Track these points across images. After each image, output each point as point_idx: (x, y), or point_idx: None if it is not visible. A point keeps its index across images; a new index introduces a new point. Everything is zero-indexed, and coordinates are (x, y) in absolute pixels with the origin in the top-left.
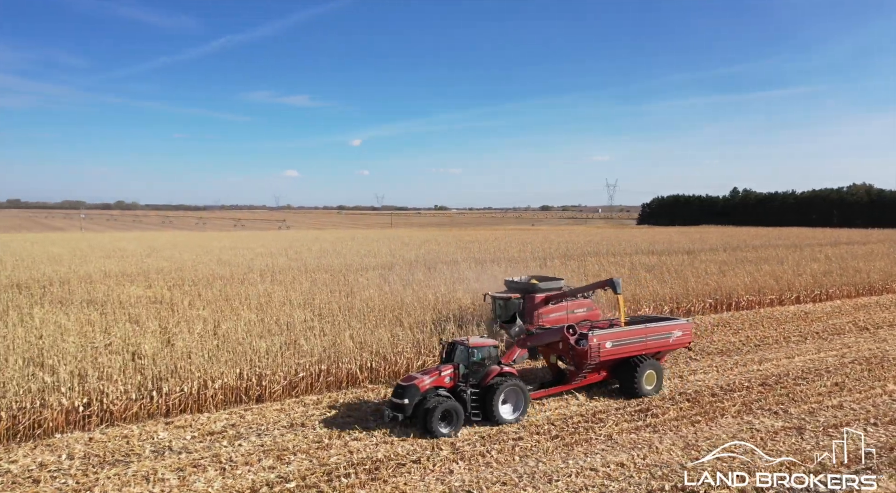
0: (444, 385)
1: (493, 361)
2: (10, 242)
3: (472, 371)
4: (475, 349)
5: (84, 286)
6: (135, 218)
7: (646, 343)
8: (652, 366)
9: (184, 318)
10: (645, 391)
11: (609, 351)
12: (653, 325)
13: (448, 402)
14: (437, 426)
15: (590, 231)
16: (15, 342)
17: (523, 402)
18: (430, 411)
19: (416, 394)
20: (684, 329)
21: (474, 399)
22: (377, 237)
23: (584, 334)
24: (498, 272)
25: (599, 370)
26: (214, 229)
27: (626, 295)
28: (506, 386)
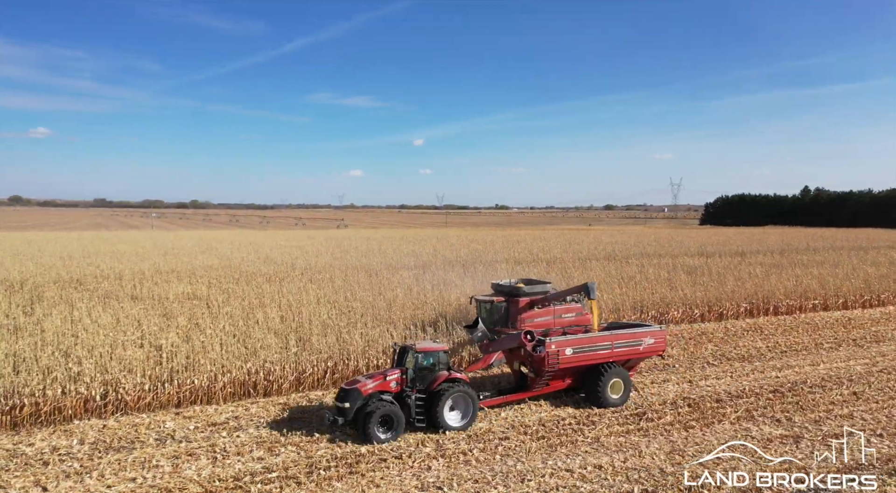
0: (390, 390)
1: (443, 366)
2: (82, 239)
3: (420, 376)
4: (423, 354)
5: (133, 282)
6: (205, 217)
7: (612, 351)
8: (619, 375)
9: (212, 314)
10: (610, 401)
11: (569, 358)
12: (621, 332)
13: (388, 407)
14: (375, 431)
15: (645, 232)
16: (54, 334)
17: (472, 409)
18: (368, 415)
19: (359, 398)
20: (657, 337)
21: (419, 405)
22: (427, 237)
23: (541, 340)
24: (531, 273)
25: (564, 378)
26: (276, 228)
27: (655, 298)
28: (452, 392)
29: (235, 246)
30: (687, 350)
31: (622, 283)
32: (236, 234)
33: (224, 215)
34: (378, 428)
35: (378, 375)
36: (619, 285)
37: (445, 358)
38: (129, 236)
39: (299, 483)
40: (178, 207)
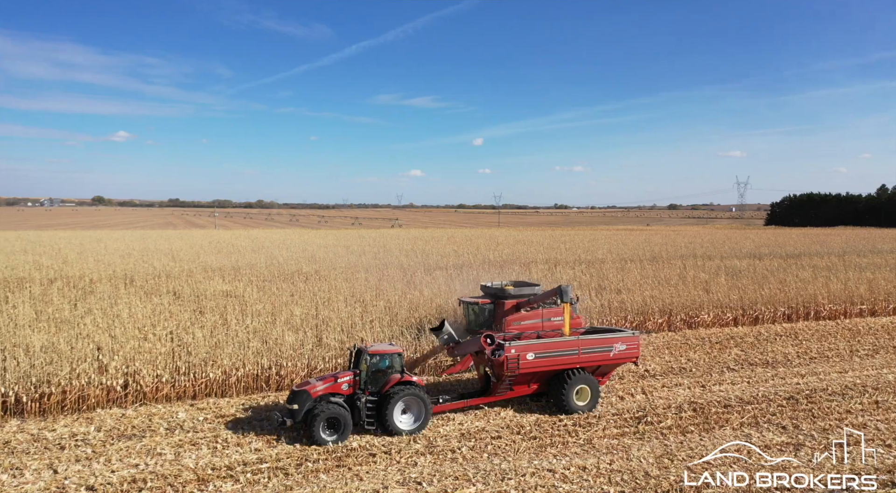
0: (341, 392)
1: (396, 369)
2: (146, 238)
3: (373, 379)
4: (375, 356)
5: (180, 279)
6: (267, 216)
7: (579, 356)
8: (585, 381)
9: (242, 311)
10: (575, 407)
11: (531, 363)
12: (589, 337)
13: (334, 409)
14: (320, 433)
15: (702, 232)
16: (92, 327)
17: (424, 412)
18: (314, 418)
19: (308, 400)
20: (630, 343)
21: (370, 407)
22: (474, 236)
23: (501, 344)
24: (562, 276)
25: (529, 383)
26: (331, 228)
27: (684, 300)
28: (403, 395)
29: (285, 245)
30: (710, 354)
31: (655, 285)
32: (290, 233)
33: (286, 215)
34: (323, 430)
35: (329, 377)
36: (652, 288)
37: (399, 361)
38: (191, 235)
39: (287, 475)
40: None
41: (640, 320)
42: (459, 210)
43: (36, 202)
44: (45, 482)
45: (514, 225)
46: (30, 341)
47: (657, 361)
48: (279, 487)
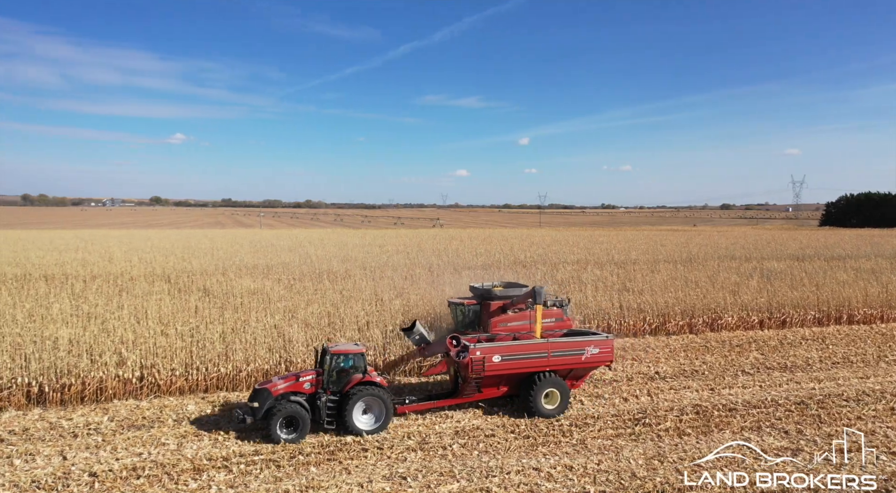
0: (303, 391)
1: (359, 369)
2: (192, 237)
3: (335, 379)
4: (338, 356)
5: (214, 278)
6: (313, 216)
7: (549, 359)
8: (554, 384)
9: (265, 308)
10: (543, 411)
11: (497, 365)
12: (559, 340)
13: (292, 407)
14: (277, 431)
15: (749, 233)
16: (118, 323)
17: (385, 413)
18: (272, 416)
19: (268, 398)
20: (602, 346)
21: (330, 407)
22: (512, 236)
23: (466, 346)
24: (589, 277)
25: (498, 385)
26: (374, 227)
27: (705, 302)
28: (362, 395)
29: (322, 244)
30: (727, 358)
31: (682, 286)
32: (330, 233)
33: (331, 215)
34: (281, 428)
35: (291, 376)
36: (677, 289)
37: (362, 361)
38: (234, 234)
39: (279, 467)
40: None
41: (659, 321)
42: (504, 210)
43: (99, 202)
44: (54, 467)
45: (556, 225)
46: (58, 334)
47: (671, 363)
48: (269, 478)
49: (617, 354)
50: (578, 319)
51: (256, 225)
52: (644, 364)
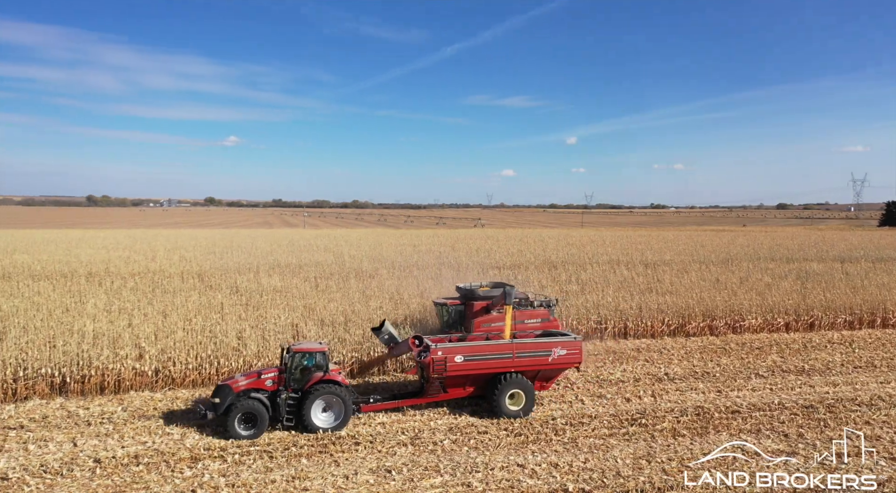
0: (265, 388)
1: (320, 367)
2: (236, 236)
3: (298, 376)
4: (300, 354)
5: (246, 276)
6: (357, 216)
7: (514, 360)
8: (519, 385)
9: (285, 305)
10: (508, 411)
11: (460, 366)
12: (524, 341)
13: (250, 404)
14: (235, 426)
15: (799, 233)
16: (142, 318)
17: (344, 411)
18: (230, 412)
19: (229, 394)
20: (570, 348)
21: (290, 404)
22: (549, 236)
23: (427, 346)
24: (615, 277)
25: (464, 385)
26: (415, 227)
27: (729, 304)
28: (321, 393)
29: (358, 244)
30: (743, 360)
31: (710, 287)
32: (369, 232)
33: (375, 215)
34: (239, 424)
35: (253, 373)
36: (702, 290)
37: (323, 359)
38: (276, 234)
39: (272, 458)
40: (342, 207)
41: (678, 322)
42: (549, 210)
43: (157, 203)
44: (64, 453)
45: (599, 225)
46: (86, 328)
47: (683, 365)
48: (261, 468)
49: (630, 355)
50: (594, 319)
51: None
52: (655, 365)
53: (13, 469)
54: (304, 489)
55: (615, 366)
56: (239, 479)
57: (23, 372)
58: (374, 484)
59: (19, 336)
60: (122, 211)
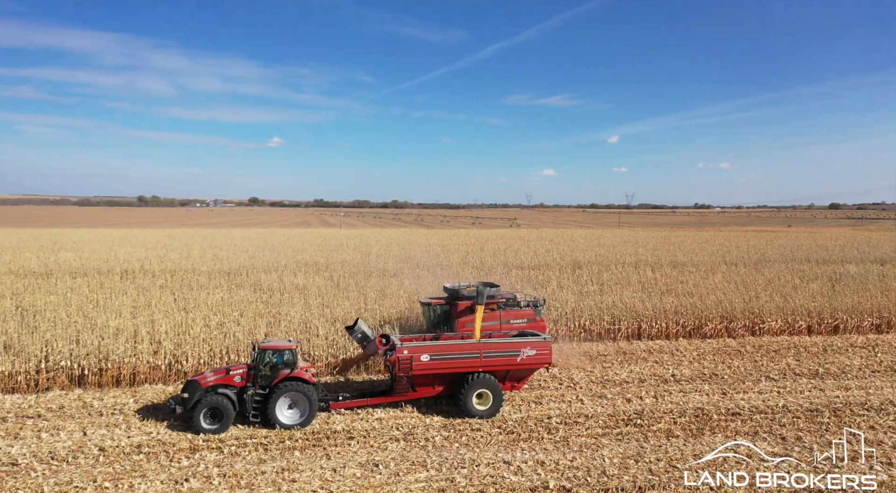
0: (233, 384)
1: (288, 365)
2: (271, 236)
3: (265, 373)
4: (268, 352)
5: (268, 274)
6: (395, 216)
7: (481, 360)
8: (486, 385)
9: (301, 303)
10: (474, 411)
11: (426, 365)
12: (492, 341)
13: (216, 399)
14: (201, 421)
15: (846, 234)
16: (166, 315)
17: (309, 408)
18: (196, 407)
19: (198, 390)
20: (539, 348)
21: (257, 400)
22: (581, 236)
23: (394, 345)
24: (636, 278)
25: (433, 384)
26: (451, 227)
27: (749, 306)
28: (286, 390)
29: (387, 244)
30: (756, 363)
31: (734, 289)
32: (402, 232)
33: (413, 215)
34: (205, 419)
35: (222, 369)
36: (728, 292)
37: (291, 357)
38: (311, 234)
39: (267, 450)
40: (381, 206)
41: (694, 324)
42: (588, 210)
43: (203, 203)
44: (73, 441)
45: (637, 225)
46: (108, 323)
47: (693, 366)
48: (254, 460)
49: (640, 356)
50: (606, 320)
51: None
52: (664, 367)
53: (23, 456)
54: (293, 481)
55: (622, 367)
56: (232, 469)
57: (44, 364)
58: (361, 478)
59: (46, 330)
60: (169, 211)
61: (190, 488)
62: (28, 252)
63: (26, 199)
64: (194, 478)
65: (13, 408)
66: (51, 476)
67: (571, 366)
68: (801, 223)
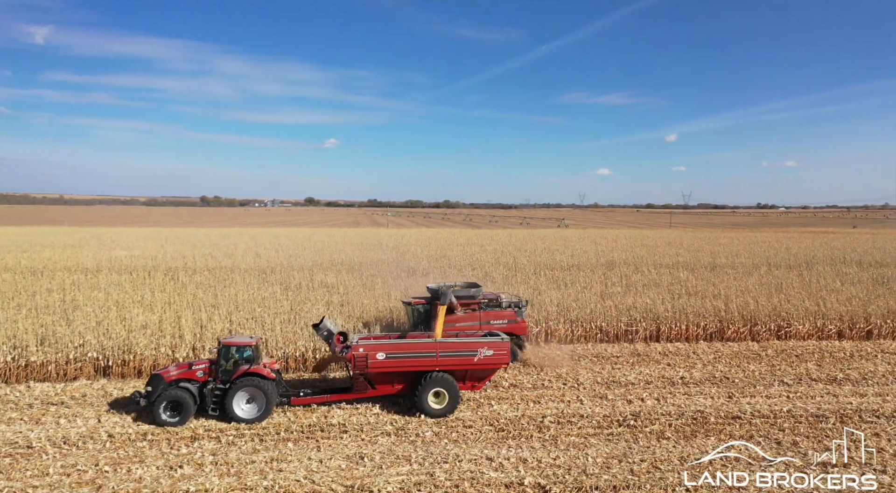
0: (196, 378)
1: (249, 361)
2: (316, 235)
3: (227, 369)
4: (229, 348)
5: (302, 272)
6: (444, 216)
7: (437, 359)
8: (442, 384)
9: (328, 301)
10: (430, 410)
11: (382, 363)
12: (448, 340)
13: (176, 393)
14: (160, 413)
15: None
16: (192, 310)
17: (266, 403)
18: (156, 399)
19: (160, 383)
20: (497, 348)
21: (216, 394)
22: (625, 237)
23: (349, 344)
24: (664, 280)
25: (392, 382)
26: (500, 227)
27: (778, 309)
28: (242, 386)
29: (428, 243)
30: (774, 367)
31: (767, 291)
32: (448, 232)
33: (462, 215)
34: (164, 412)
35: (185, 364)
36: (759, 294)
37: (251, 353)
38: (358, 233)
39: (262, 441)
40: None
41: (716, 327)
42: (642, 210)
43: (261, 203)
44: (87, 428)
45: (691, 226)
46: (138, 317)
47: (706, 370)
48: (249, 450)
49: (654, 358)
50: (624, 321)
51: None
52: (675, 369)
53: (39, 440)
54: (279, 471)
55: (632, 369)
56: (226, 458)
57: (73, 355)
58: (345, 469)
59: (81, 323)
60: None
61: (182, 474)
62: (87, 249)
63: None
64: (188, 465)
65: (41, 395)
66: (59, 459)
67: (580, 367)
68: (870, 224)
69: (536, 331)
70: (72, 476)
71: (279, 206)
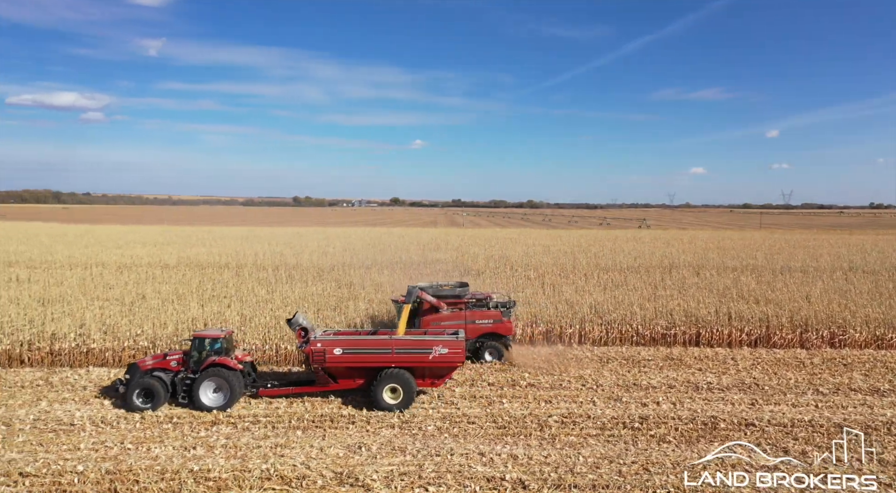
0: (170, 368)
1: (219, 352)
2: (386, 234)
3: (196, 359)
4: (200, 339)
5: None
6: (523, 216)
7: (392, 356)
8: (398, 380)
9: (369, 299)
10: (385, 404)
11: (339, 358)
12: (403, 338)
13: (148, 381)
14: (133, 400)
15: None
16: (236, 304)
17: (230, 393)
18: (130, 387)
19: (137, 372)
20: (451, 347)
21: (186, 384)
22: (701, 238)
23: (308, 338)
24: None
25: (353, 377)
26: (577, 228)
27: (834, 316)
28: (208, 376)
29: (490, 243)
30: (814, 376)
31: (826, 297)
32: (519, 232)
33: (542, 215)
34: (137, 398)
35: (161, 355)
36: (811, 300)
37: (223, 344)
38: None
39: (274, 428)
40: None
41: (760, 332)
42: (738, 210)
43: (348, 203)
44: (102, 413)
45: (784, 226)
46: (190, 311)
47: (739, 375)
48: (259, 435)
49: (687, 363)
50: (636, 322)
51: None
52: (704, 374)
53: (81, 418)
54: (281, 456)
55: (659, 372)
56: (237, 442)
57: (127, 343)
58: (342, 457)
59: (141, 314)
60: (318, 210)
61: (194, 455)
62: (171, 247)
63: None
64: (201, 447)
65: (95, 379)
66: (93, 437)
67: (605, 369)
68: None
69: (570, 332)
70: (99, 452)
71: (365, 206)
